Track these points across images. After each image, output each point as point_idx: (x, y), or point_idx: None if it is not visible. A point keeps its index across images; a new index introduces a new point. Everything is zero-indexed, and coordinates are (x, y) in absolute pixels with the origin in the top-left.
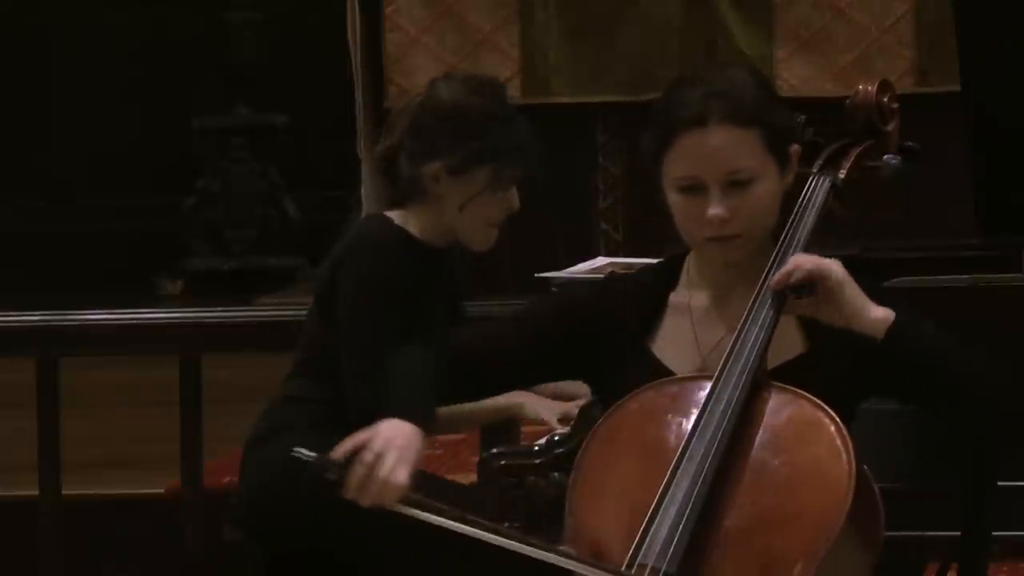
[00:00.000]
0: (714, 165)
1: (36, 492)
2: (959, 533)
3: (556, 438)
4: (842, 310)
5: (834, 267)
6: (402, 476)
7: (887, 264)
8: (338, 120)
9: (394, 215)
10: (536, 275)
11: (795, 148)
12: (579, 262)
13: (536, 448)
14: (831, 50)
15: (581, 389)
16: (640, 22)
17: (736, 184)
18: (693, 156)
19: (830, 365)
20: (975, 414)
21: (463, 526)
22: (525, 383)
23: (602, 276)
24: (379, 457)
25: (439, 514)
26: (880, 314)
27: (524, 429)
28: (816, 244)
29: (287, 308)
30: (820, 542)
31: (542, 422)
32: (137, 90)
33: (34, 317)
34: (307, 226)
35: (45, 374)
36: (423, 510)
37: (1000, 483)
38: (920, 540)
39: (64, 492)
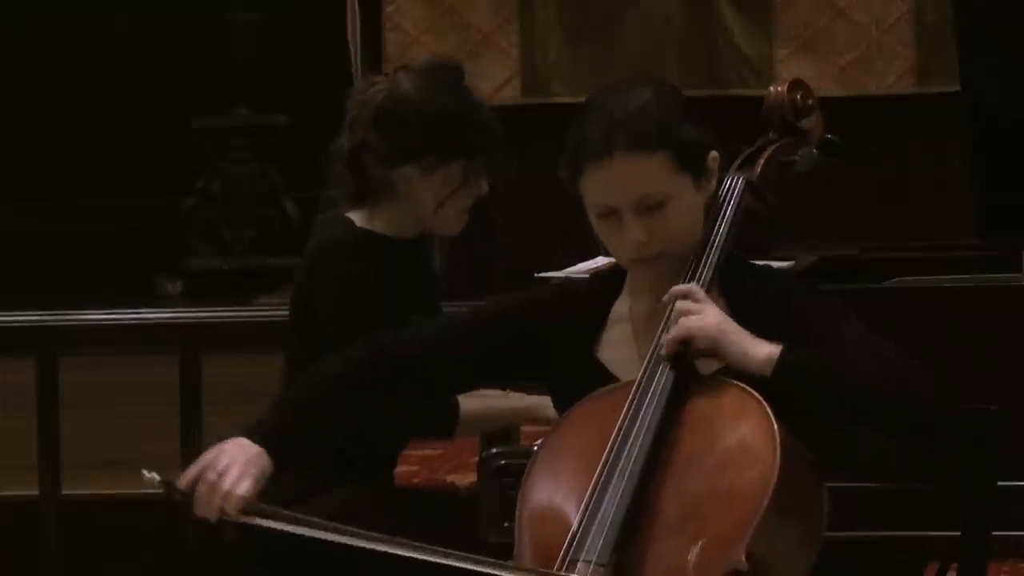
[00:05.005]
0: (623, 193)
1: (36, 492)
2: (959, 533)
3: None
4: (728, 359)
5: (702, 330)
6: (244, 488)
7: (887, 264)
8: (338, 120)
9: (356, 215)
10: (536, 275)
11: (713, 156)
12: (579, 262)
13: (536, 448)
14: (831, 50)
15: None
16: (640, 22)
17: (649, 208)
18: (602, 186)
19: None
20: (893, 422)
21: (327, 533)
22: (470, 382)
23: (560, 280)
24: (220, 475)
25: (291, 522)
26: (763, 355)
27: (524, 429)
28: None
29: (287, 308)
30: (749, 518)
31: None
32: (137, 90)
33: (34, 317)
34: (307, 226)
35: (45, 374)
36: (270, 519)
37: (1000, 483)
38: (920, 540)
39: (64, 492)
